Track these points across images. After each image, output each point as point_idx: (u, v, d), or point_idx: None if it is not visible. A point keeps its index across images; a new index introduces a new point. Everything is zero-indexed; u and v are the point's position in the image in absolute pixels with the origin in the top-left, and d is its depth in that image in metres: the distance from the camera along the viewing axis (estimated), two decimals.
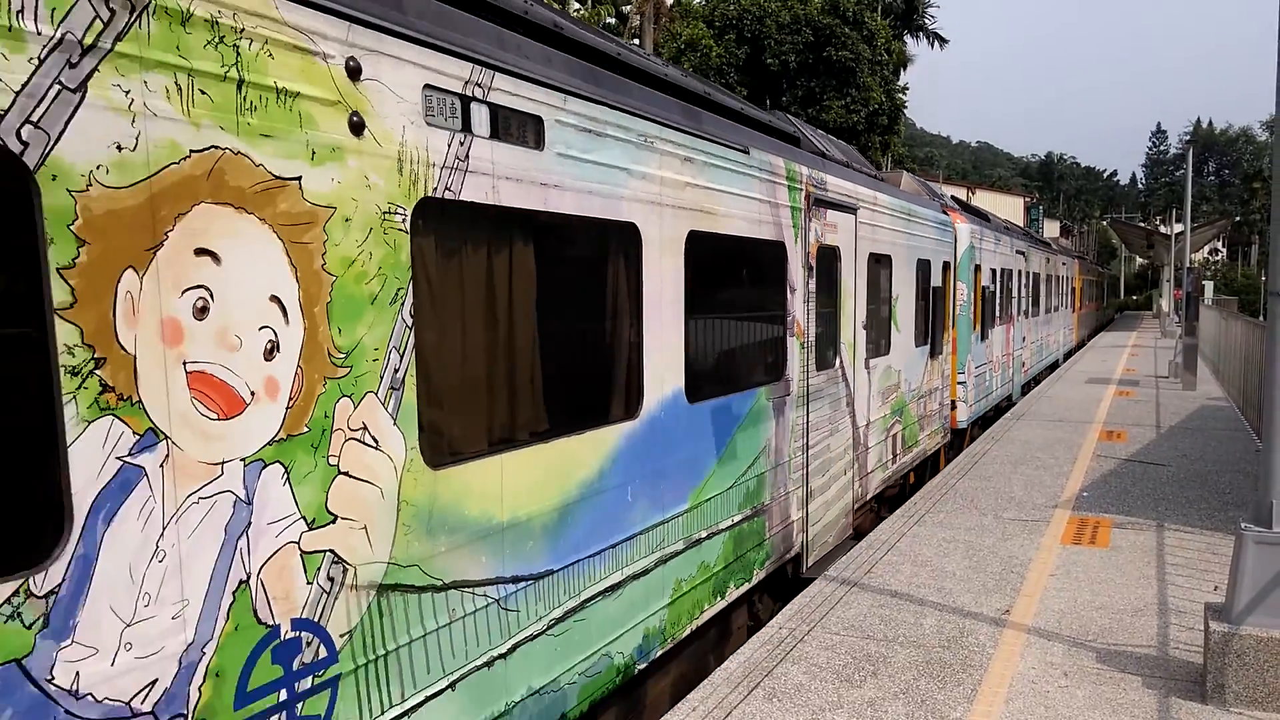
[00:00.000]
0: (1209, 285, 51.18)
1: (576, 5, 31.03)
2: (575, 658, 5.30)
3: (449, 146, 4.24)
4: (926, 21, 51.93)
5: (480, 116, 4.43)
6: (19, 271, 2.71)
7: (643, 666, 6.10)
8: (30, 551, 2.75)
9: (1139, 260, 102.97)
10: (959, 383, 16.00)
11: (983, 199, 58.93)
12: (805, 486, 8.82)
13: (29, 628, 2.72)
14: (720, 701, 6.10)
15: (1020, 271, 22.78)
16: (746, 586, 7.66)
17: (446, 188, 4.23)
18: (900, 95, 37.88)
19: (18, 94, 2.63)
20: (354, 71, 3.73)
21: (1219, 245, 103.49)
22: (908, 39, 49.32)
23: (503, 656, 4.70)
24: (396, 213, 3.94)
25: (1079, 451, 14.68)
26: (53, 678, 2.78)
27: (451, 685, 4.35)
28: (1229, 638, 5.94)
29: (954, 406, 15.86)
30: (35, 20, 2.67)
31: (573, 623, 5.26)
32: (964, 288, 16.13)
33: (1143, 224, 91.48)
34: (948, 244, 14.81)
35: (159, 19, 2.98)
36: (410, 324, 4.03)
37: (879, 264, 10.95)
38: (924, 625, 7.39)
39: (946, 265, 14.82)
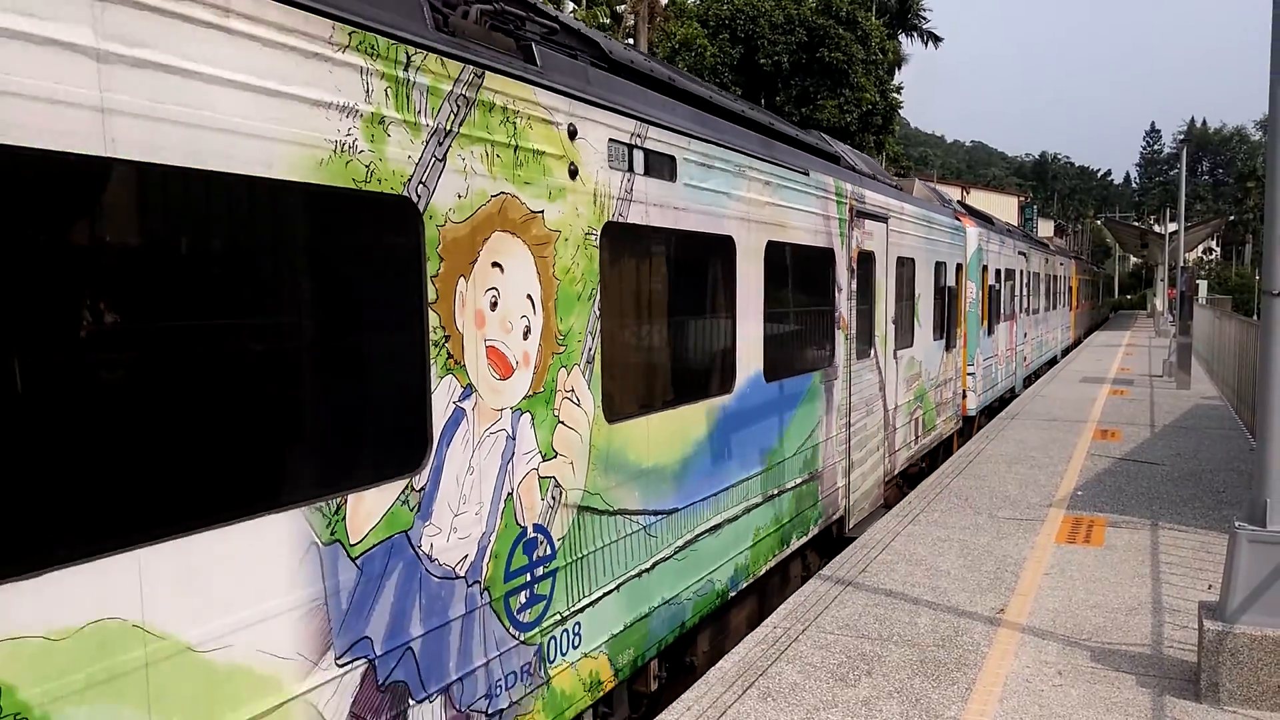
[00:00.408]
0: (1203, 284, 51.28)
1: (572, 6, 31.01)
2: (690, 579, 6.81)
3: (621, 183, 5.72)
4: (920, 21, 52.01)
5: (639, 160, 5.92)
6: (413, 279, 4.15)
7: (733, 595, 7.59)
8: (413, 461, 4.15)
9: (1133, 259, 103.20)
10: (969, 374, 17.36)
11: (977, 198, 59.03)
12: (848, 458, 10.27)
13: (412, 511, 4.14)
14: (715, 701, 6.09)
15: (1022, 271, 24.08)
16: (804, 540, 9.14)
17: (620, 214, 5.71)
18: (894, 95, 37.89)
19: (416, 164, 4.11)
20: (572, 133, 5.23)
21: (1213, 244, 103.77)
22: (901, 38, 49.38)
23: (647, 571, 6.19)
24: (591, 234, 5.42)
25: (1073, 450, 14.69)
26: (419, 545, 4.20)
27: (617, 587, 5.85)
28: (1223, 636, 5.94)
29: (964, 396, 17.11)
30: (424, 115, 4.14)
31: (689, 551, 6.77)
32: (973, 286, 17.51)
33: (1137, 223, 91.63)
34: (959, 246, 16.19)
35: (479, 108, 4.49)
36: (598, 315, 5.50)
37: (904, 266, 12.38)
38: (918, 624, 7.38)
39: (959, 266, 16.19)
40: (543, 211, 4.99)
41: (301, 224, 3.69)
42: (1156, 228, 73.37)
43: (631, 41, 33.52)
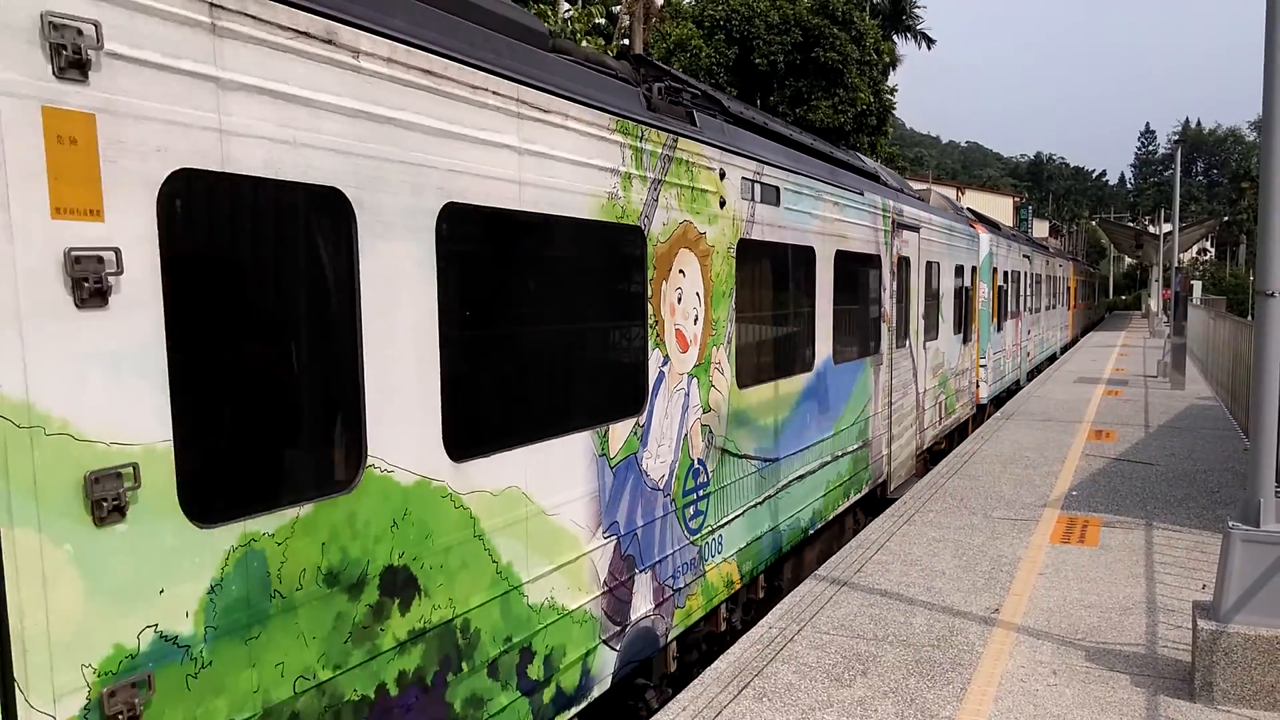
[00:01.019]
0: (1197, 285, 51.39)
1: (566, 5, 30.97)
2: (785, 515, 8.78)
3: (747, 210, 7.67)
4: (914, 21, 52.06)
5: (758, 191, 7.87)
6: (641, 281, 6.04)
7: (811, 532, 9.53)
8: (639, 406, 6.11)
9: (1128, 260, 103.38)
10: (981, 365, 19.10)
11: (972, 199, 59.08)
12: (890, 432, 12.19)
13: (638, 439, 6.07)
14: (710, 701, 6.09)
15: (1026, 273, 26.11)
16: (858, 496, 11.08)
17: (747, 232, 7.66)
18: (889, 95, 37.90)
19: (644, 203, 6.01)
20: (722, 175, 7.19)
21: (1207, 245, 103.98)
22: (896, 39, 49.42)
23: (759, 504, 8.16)
24: (730, 248, 7.36)
25: (1068, 451, 14.72)
26: (641, 464, 6.14)
27: (742, 514, 7.81)
28: (1217, 636, 5.95)
29: (978, 385, 18.95)
30: (648, 170, 6.07)
31: (784, 493, 8.73)
32: (984, 287, 19.26)
33: (1131, 224, 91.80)
34: (974, 251, 18.05)
35: (674, 163, 6.41)
36: (733, 308, 7.41)
37: (931, 269, 14.30)
38: (914, 624, 7.39)
39: (973, 269, 18.00)
40: (706, 232, 6.97)
41: (596, 246, 5.71)
42: (1151, 228, 73.50)
43: (626, 42, 33.50)
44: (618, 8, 38.77)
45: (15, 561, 2.81)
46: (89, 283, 2.95)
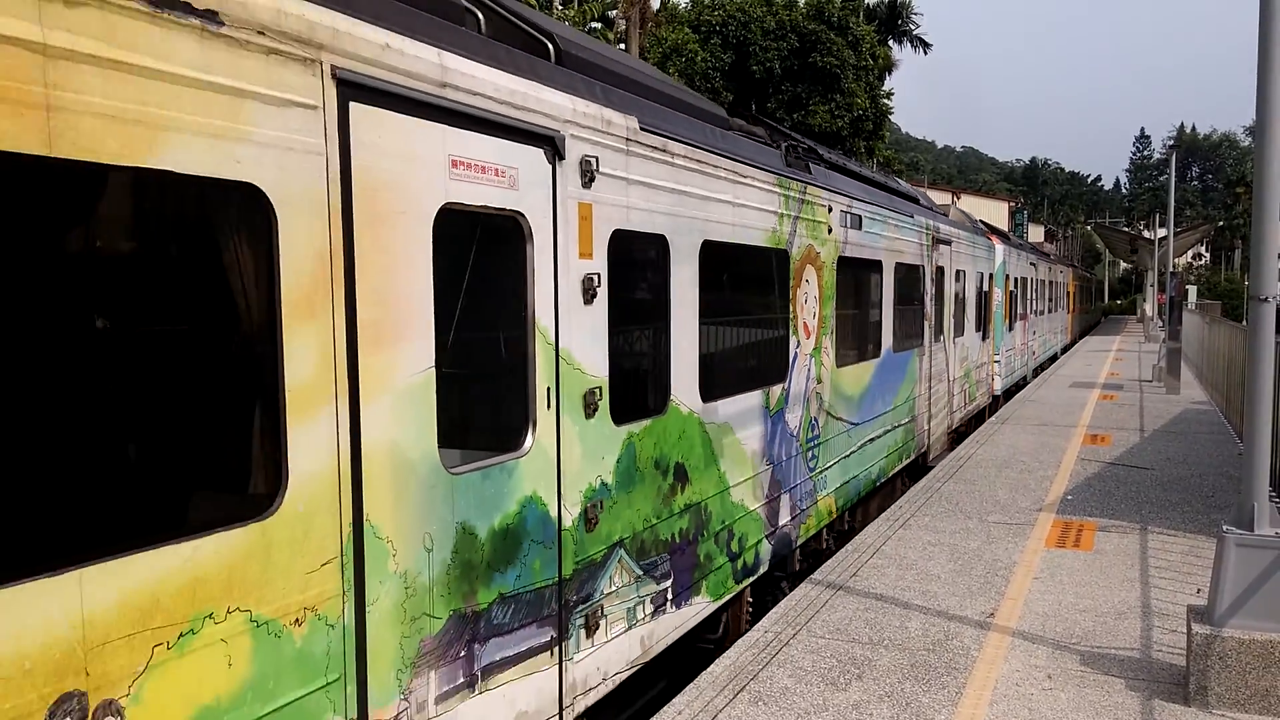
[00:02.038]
0: (1192, 290, 51.49)
1: (559, 7, 31.00)
2: (861, 469, 11.15)
3: (843, 234, 10.03)
4: (911, 27, 52.13)
5: (849, 220, 10.25)
6: (787, 288, 8.47)
7: (877, 485, 12.00)
8: (784, 375, 8.50)
9: (1123, 265, 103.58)
10: (995, 360, 21.73)
11: (968, 203, 59.14)
12: (929, 410, 14.75)
13: (782, 398, 8.44)
14: (706, 705, 6.09)
15: (1031, 279, 28.96)
16: (907, 461, 13.50)
17: (843, 252, 10.04)
18: (885, 100, 37.98)
19: (789, 234, 8.48)
20: (829, 209, 9.49)
21: (1202, 250, 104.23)
22: (892, 44, 49.48)
23: (847, 457, 10.54)
24: (834, 264, 9.70)
25: (1063, 455, 14.74)
26: (785, 415, 8.56)
27: (836, 462, 10.14)
28: (1211, 640, 5.96)
29: (993, 378, 21.62)
30: (791, 209, 8.57)
31: (861, 451, 11.12)
32: (998, 292, 21.97)
33: (1126, 229, 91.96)
34: (990, 259, 20.83)
35: (804, 204, 8.83)
36: (834, 308, 9.71)
37: (959, 277, 16.93)
38: (909, 628, 7.39)
39: (990, 276, 20.82)
40: (820, 252, 9.42)
41: (765, 264, 8.20)
42: (1146, 233, 73.67)
43: (622, 46, 33.53)
44: (613, 13, 38.83)
45: (561, 433, 5.31)
46: (588, 291, 5.53)
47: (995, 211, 65.83)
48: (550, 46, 5.72)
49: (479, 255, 4.89)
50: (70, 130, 2.82)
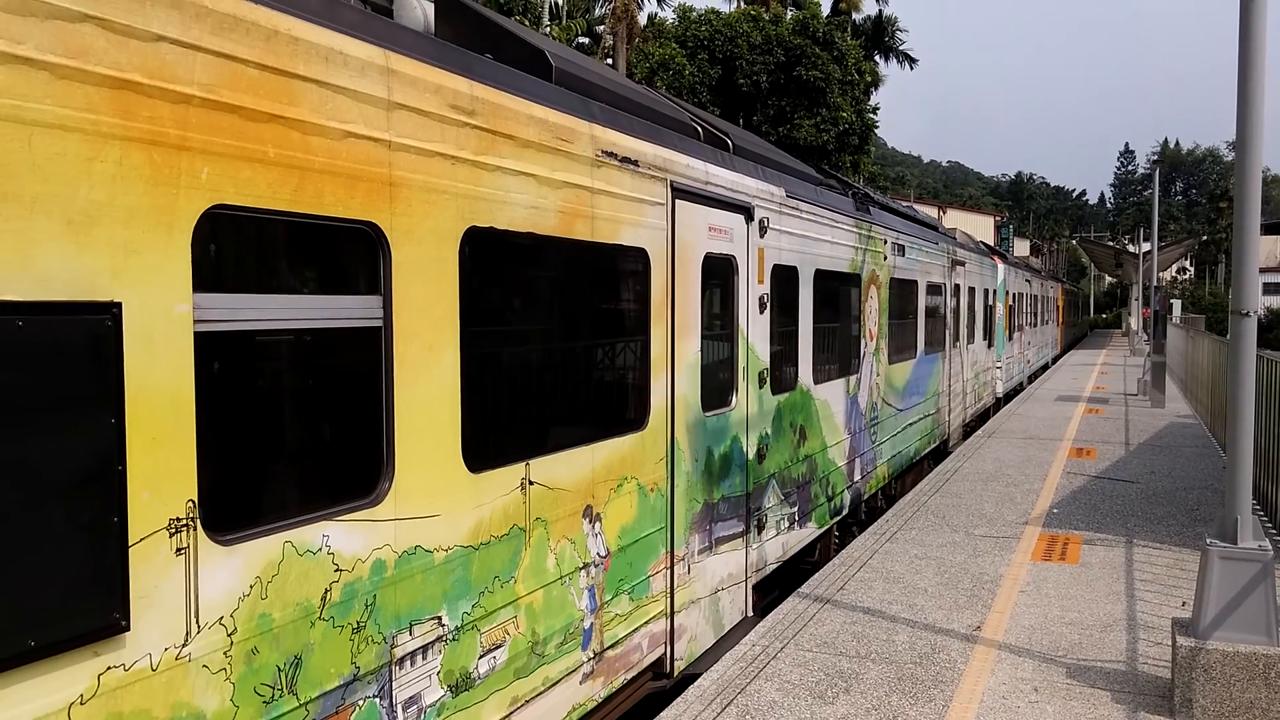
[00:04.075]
0: (1177, 304, 51.82)
1: (548, 23, 31.10)
2: (904, 446, 13.85)
3: (893, 260, 12.85)
4: (896, 42, 52.45)
5: (898, 249, 13.12)
6: (859, 303, 11.38)
7: (913, 461, 14.60)
8: (859, 367, 11.40)
9: (1108, 279, 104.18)
10: (998, 366, 24.38)
11: (954, 218, 59.45)
12: (949, 405, 17.42)
13: (856, 386, 11.32)
14: (694, 719, 6.06)
15: (1026, 294, 32.22)
16: (933, 446, 16.08)
17: (893, 274, 12.91)
18: (871, 115, 38.19)
19: (861, 262, 11.40)
20: (884, 241, 12.44)
21: (1186, 264, 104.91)
22: (878, 59, 49.79)
23: (895, 435, 13.21)
24: (887, 284, 12.58)
25: (1049, 469, 14.78)
26: (857, 399, 11.44)
27: (888, 439, 12.88)
28: (1196, 652, 5.97)
29: (996, 382, 24.24)
30: (861, 243, 11.45)
31: (903, 433, 13.74)
32: (1000, 306, 24.76)
33: (1111, 243, 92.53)
34: (994, 277, 23.57)
35: (870, 239, 11.76)
36: (887, 318, 12.54)
37: (971, 292, 19.84)
38: (896, 642, 7.38)
39: (993, 291, 23.59)
40: (879, 275, 12.00)
41: (850, 287, 10.96)
42: (1131, 247, 74.15)
43: (610, 62, 33.64)
44: (601, 28, 38.96)
45: (747, 398, 7.91)
46: (761, 305, 8.16)
47: (981, 226, 66.17)
48: (729, 141, 8.27)
49: (713, 283, 7.36)
50: (595, 226, 5.64)
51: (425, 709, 4.28)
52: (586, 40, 38.50)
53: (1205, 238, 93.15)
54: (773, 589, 9.18)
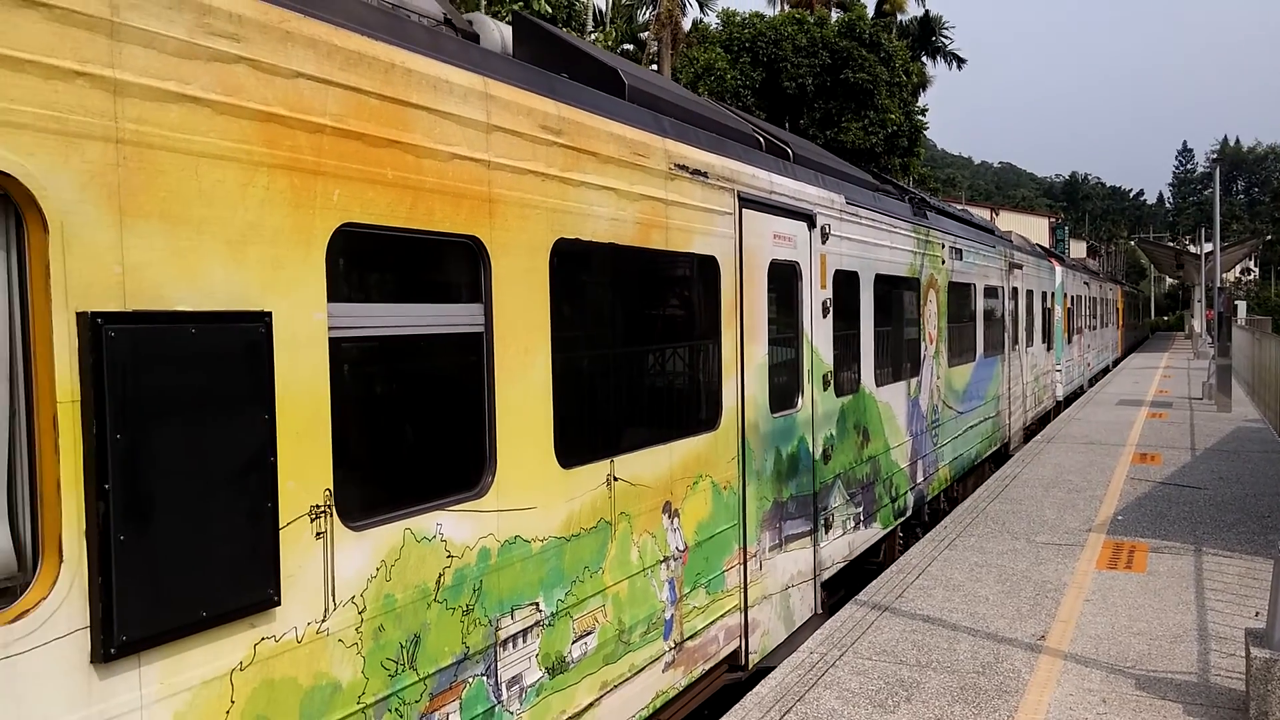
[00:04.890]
0: (1241, 305, 50.54)
1: (593, 30, 31.22)
2: (965, 449, 13.94)
3: (950, 264, 12.95)
4: (944, 42, 51.91)
5: (955, 253, 13.26)
6: (918, 306, 11.52)
7: (973, 464, 14.62)
8: (920, 369, 11.53)
9: (1169, 280, 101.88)
10: (1058, 369, 24.33)
11: (1007, 220, 58.62)
12: (1009, 408, 17.40)
13: (919, 387, 11.53)
14: None
15: (1085, 297, 32.06)
16: (993, 450, 16.12)
17: (951, 278, 12.93)
18: (919, 116, 37.78)
19: (919, 267, 11.43)
20: (942, 245, 12.53)
21: (1251, 264, 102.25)
22: (925, 60, 49.29)
23: (956, 438, 13.36)
24: (945, 287, 12.69)
25: (1112, 474, 14.49)
26: (919, 401, 11.61)
27: (949, 442, 12.97)
28: (1271, 664, 5.82)
29: (1056, 385, 24.24)
30: (918, 248, 11.44)
31: (964, 434, 13.84)
32: (1058, 309, 24.64)
33: (1171, 244, 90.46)
34: (1051, 279, 23.45)
35: (928, 244, 11.85)
36: (945, 321, 12.66)
37: (1029, 295, 19.75)
38: (957, 650, 7.28)
39: (1051, 294, 23.40)
40: (936, 278, 12.07)
41: (909, 291, 11.06)
42: (1191, 248, 72.41)
43: (655, 67, 33.69)
44: (645, 35, 39.06)
45: (813, 399, 8.17)
46: (824, 309, 8.32)
47: (1035, 227, 65.13)
48: (789, 150, 8.39)
49: (778, 289, 7.56)
50: (669, 236, 5.88)
51: (526, 689, 4.54)
52: (630, 47, 38.59)
53: (1269, 237, 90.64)
54: (839, 588, 9.29)
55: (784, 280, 7.71)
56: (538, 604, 4.63)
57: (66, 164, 2.69)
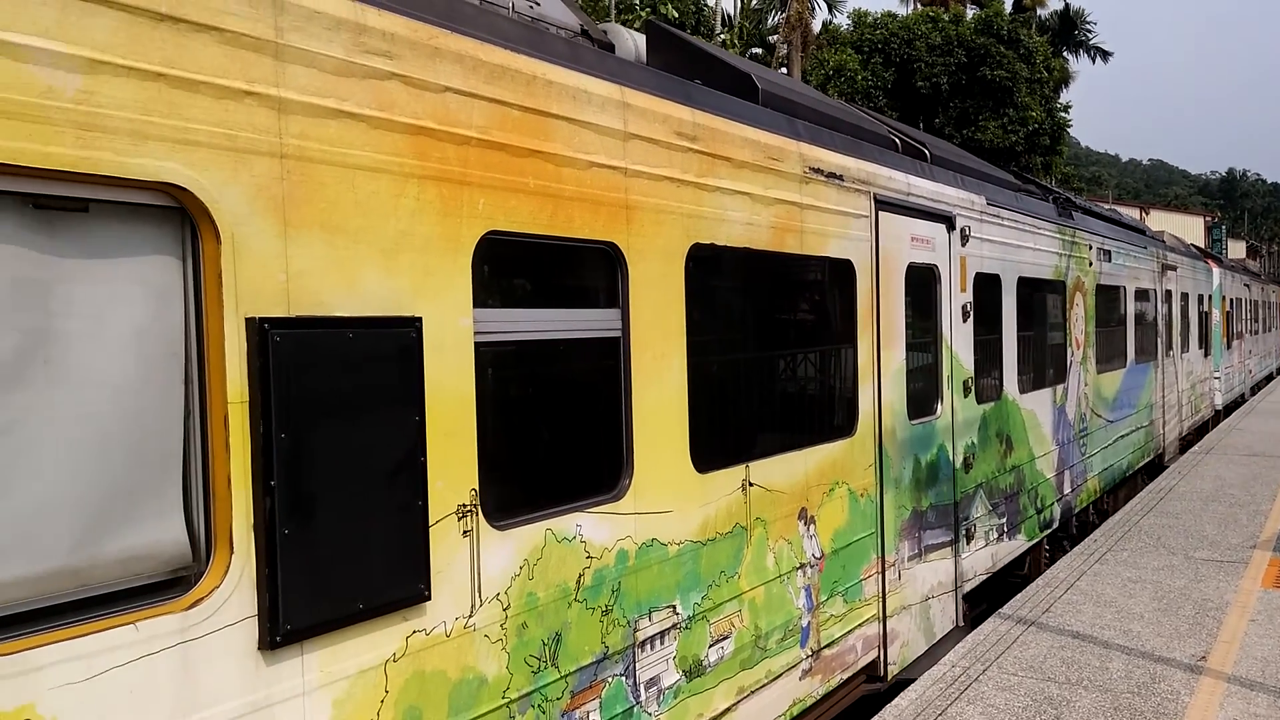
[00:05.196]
0: None
1: (721, 32, 31.20)
2: (1115, 459, 13.36)
3: (1098, 266, 12.37)
4: (1086, 36, 49.77)
5: (1102, 254, 12.67)
6: (1063, 310, 11.04)
7: (1125, 475, 14.01)
8: (1065, 377, 11.09)
9: None
10: (1216, 376, 23.57)
11: (1158, 219, 55.61)
12: (1163, 416, 16.65)
13: (1064, 394, 11.09)
14: None
15: (1246, 300, 30.89)
16: (1147, 460, 15.46)
17: (1099, 280, 12.43)
18: (1062, 113, 36.26)
19: (1065, 270, 11.03)
20: (1089, 247, 12.03)
21: None
22: (1067, 55, 47.34)
23: (1105, 448, 12.70)
24: (1093, 290, 12.15)
25: (1279, 488, 13.52)
26: (1065, 409, 11.11)
27: (1098, 452, 12.46)
28: None
29: (1215, 393, 23.51)
30: (1062, 249, 10.94)
31: (1115, 444, 13.25)
32: (1216, 312, 24.02)
33: None
34: (1208, 282, 22.99)
35: (1073, 245, 11.34)
36: (1093, 326, 12.13)
37: (1184, 298, 19.18)
38: (1110, 669, 6.94)
39: (1208, 297, 22.86)
40: (1084, 281, 11.66)
41: (1054, 294, 10.66)
42: None
43: (784, 70, 33.42)
44: (774, 38, 38.79)
45: (953, 406, 7.92)
46: (964, 313, 8.13)
47: (1190, 227, 61.54)
48: (927, 151, 8.24)
49: (917, 293, 7.44)
50: (804, 240, 5.82)
51: (664, 691, 4.57)
52: (759, 50, 38.38)
53: None
54: (980, 601, 8.98)
55: (922, 284, 7.53)
56: (675, 607, 4.66)
57: (236, 178, 2.85)
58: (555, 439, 4.27)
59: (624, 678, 4.30)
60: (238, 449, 2.86)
